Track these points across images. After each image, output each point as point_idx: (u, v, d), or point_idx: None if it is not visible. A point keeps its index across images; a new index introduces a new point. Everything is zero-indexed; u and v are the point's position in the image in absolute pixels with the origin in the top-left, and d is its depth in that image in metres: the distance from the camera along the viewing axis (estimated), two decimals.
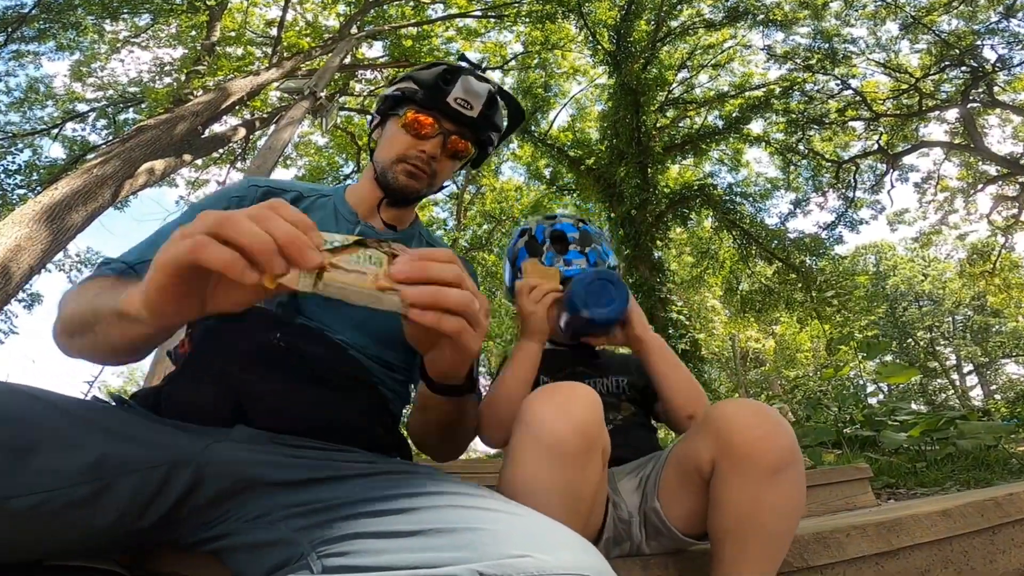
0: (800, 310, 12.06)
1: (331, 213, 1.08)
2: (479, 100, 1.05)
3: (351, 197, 1.13)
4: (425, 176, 1.07)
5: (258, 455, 0.67)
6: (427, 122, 1.05)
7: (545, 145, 13.03)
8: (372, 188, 1.11)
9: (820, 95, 12.84)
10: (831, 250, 12.48)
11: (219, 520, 0.64)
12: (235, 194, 1.03)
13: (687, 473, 0.91)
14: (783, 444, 0.81)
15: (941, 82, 12.27)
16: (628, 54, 11.03)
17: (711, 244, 13.35)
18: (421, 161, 1.05)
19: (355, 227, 1.06)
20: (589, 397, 0.81)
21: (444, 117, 1.06)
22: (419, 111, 1.05)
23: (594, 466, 0.81)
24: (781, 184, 14.01)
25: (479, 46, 13.58)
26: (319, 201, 1.10)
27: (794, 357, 20.65)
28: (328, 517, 0.52)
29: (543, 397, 0.82)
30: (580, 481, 0.79)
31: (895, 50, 12.69)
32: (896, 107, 12.89)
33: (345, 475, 0.63)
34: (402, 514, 0.49)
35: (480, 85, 1.05)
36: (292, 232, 0.48)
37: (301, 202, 1.08)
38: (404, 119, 1.05)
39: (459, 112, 1.05)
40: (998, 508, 1.20)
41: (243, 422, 0.73)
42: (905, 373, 4.31)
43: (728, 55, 12.86)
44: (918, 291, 25.34)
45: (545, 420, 0.78)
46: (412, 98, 1.06)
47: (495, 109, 1.10)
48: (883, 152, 13.35)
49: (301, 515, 0.55)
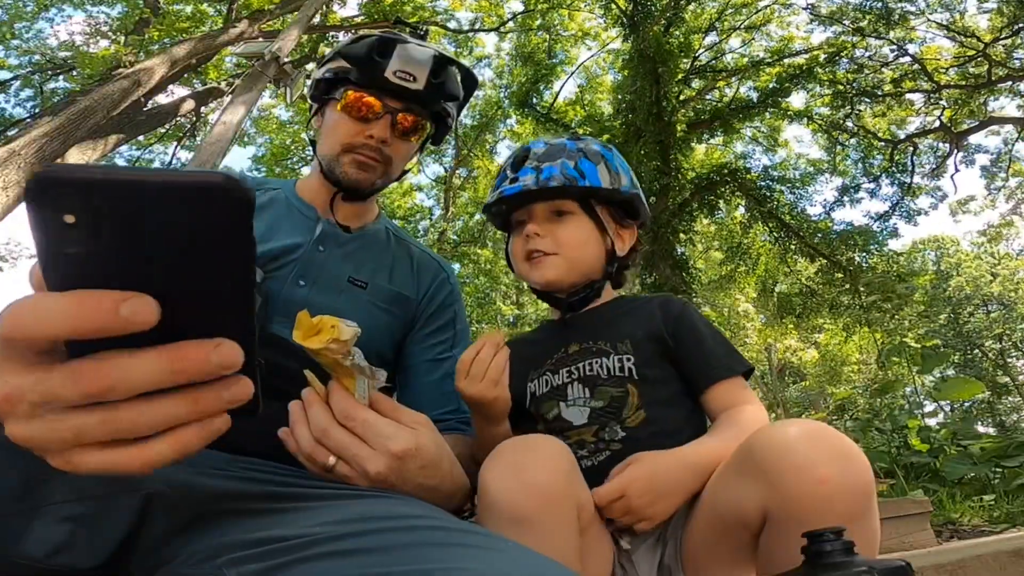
0: (847, 316, 12.08)
1: (284, 208, 1.11)
2: (422, 69, 1.06)
3: (303, 191, 1.16)
4: (377, 164, 1.10)
5: (214, 480, 0.67)
6: (369, 102, 1.07)
7: (549, 121, 13.05)
8: (322, 183, 1.14)
9: (872, 63, 12.87)
10: (884, 245, 12.51)
11: (166, 560, 0.64)
12: None
13: (727, 528, 0.84)
14: (858, 484, 0.72)
15: (1014, 47, 12.29)
16: (647, 14, 11.04)
17: (743, 238, 13.35)
18: (370, 149, 1.08)
19: (316, 223, 1.09)
20: (549, 450, 0.81)
21: (386, 94, 1.07)
22: (357, 91, 1.07)
23: (566, 534, 0.79)
24: (826, 167, 14.05)
25: (471, 3, 13.59)
26: (269, 195, 1.12)
27: (839, 371, 20.66)
28: (281, 561, 0.52)
29: (495, 463, 0.81)
30: (548, 550, 0.71)
31: (961, 10, 12.73)
32: (961, 77, 12.91)
33: (309, 501, 0.63)
34: (371, 554, 0.50)
35: (421, 51, 1.07)
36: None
37: (259, 193, 1.12)
38: (343, 103, 1.08)
39: (402, 86, 1.06)
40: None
41: None
42: (968, 388, 4.32)
43: (765, 16, 12.88)
44: (985, 294, 25.39)
45: (499, 489, 0.78)
46: (347, 78, 1.08)
47: (444, 75, 1.11)
48: (946, 130, 13.38)
49: (248, 560, 0.54)
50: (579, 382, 1.08)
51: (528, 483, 0.76)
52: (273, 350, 0.87)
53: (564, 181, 1.10)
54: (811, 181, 13.90)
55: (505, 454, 0.82)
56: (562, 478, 0.78)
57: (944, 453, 3.88)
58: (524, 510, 0.75)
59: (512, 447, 0.83)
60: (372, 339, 1.04)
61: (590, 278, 1.17)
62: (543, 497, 0.76)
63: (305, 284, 1.02)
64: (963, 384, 4.43)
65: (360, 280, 1.07)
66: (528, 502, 0.75)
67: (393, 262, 1.15)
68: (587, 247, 1.16)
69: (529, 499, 0.76)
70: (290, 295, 0.99)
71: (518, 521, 0.75)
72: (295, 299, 0.98)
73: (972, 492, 3.28)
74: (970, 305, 25.50)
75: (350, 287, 1.06)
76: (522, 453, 0.81)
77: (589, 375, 1.08)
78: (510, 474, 0.78)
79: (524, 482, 0.76)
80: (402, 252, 1.19)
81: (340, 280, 1.06)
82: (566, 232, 1.14)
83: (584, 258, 1.16)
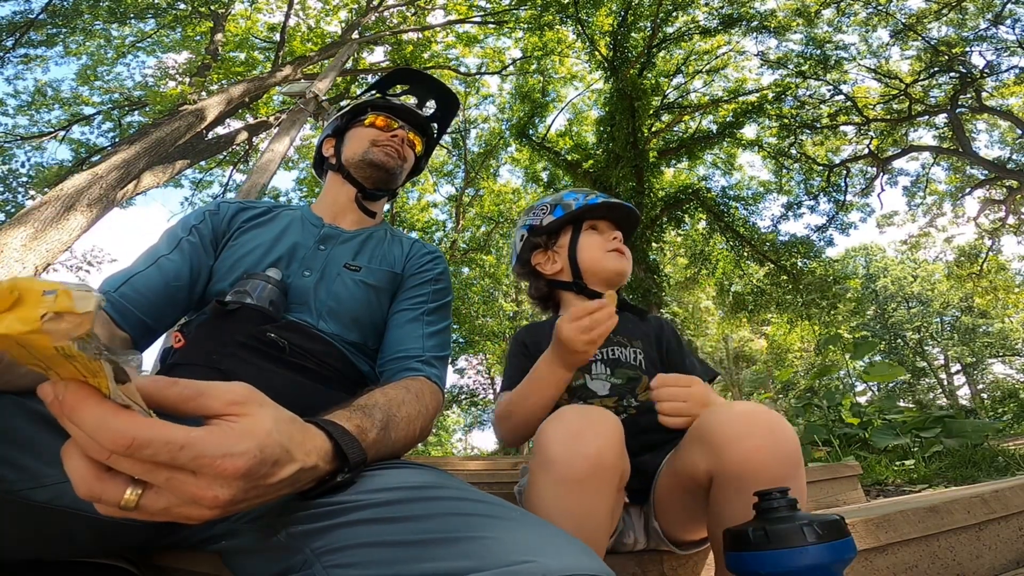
0: (790, 311, 12.09)
1: (297, 222, 1.11)
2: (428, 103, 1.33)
3: (315, 208, 1.17)
4: (399, 157, 1.18)
5: None
6: (390, 119, 1.21)
7: (543, 149, 13.03)
8: (340, 192, 1.18)
9: (812, 100, 12.86)
10: (822, 252, 12.50)
11: (220, 518, 0.64)
12: (208, 209, 1.09)
13: (684, 487, 0.87)
14: (782, 454, 0.75)
15: (930, 88, 12.30)
16: (624, 60, 11.04)
17: (704, 246, 13.35)
18: (393, 144, 1.17)
19: (320, 230, 1.10)
20: (606, 425, 0.77)
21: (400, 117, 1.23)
22: (379, 113, 1.21)
23: (607, 495, 0.77)
24: (773, 187, 14.02)
25: (478, 51, 13.59)
26: (284, 212, 1.14)
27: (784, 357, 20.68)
28: (328, 523, 0.50)
29: (557, 426, 0.78)
30: (592, 510, 0.76)
31: (886, 56, 12.73)
32: (886, 112, 12.91)
33: None
34: (406, 522, 0.48)
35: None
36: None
37: (268, 214, 1.12)
38: (369, 119, 1.20)
39: (412, 112, 1.25)
40: (984, 505, 1.21)
41: None
42: (891, 372, 4.32)
43: (722, 61, 12.87)
44: (907, 292, 25.40)
45: (558, 452, 0.75)
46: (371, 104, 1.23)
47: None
48: (873, 156, 13.37)
49: (299, 521, 0.53)
50: (602, 362, 1.14)
51: (583, 452, 0.74)
52: (292, 333, 0.90)
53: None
54: (761, 199, 13.85)
55: (565, 420, 0.78)
56: (612, 450, 0.76)
57: (872, 425, 3.88)
58: (577, 473, 0.73)
59: (573, 415, 0.79)
60: (365, 312, 1.01)
61: None
62: (594, 465, 0.74)
63: (310, 274, 1.01)
64: (888, 368, 4.43)
65: (354, 265, 1.05)
66: (582, 466, 0.73)
67: (386, 249, 1.13)
68: None
69: (583, 465, 0.73)
70: (297, 284, 0.99)
71: (569, 481, 0.74)
72: (301, 287, 0.98)
73: (895, 458, 3.27)
74: (894, 302, 25.52)
75: (345, 271, 1.03)
76: (581, 422, 0.77)
77: (612, 358, 1.14)
78: (569, 440, 0.75)
79: (579, 450, 0.74)
80: (396, 242, 1.17)
81: (337, 267, 1.04)
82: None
83: None
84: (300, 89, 6.81)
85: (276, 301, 0.92)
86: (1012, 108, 11.87)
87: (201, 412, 0.42)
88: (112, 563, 0.65)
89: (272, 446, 0.43)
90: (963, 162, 13.54)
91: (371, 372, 1.01)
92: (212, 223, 1.05)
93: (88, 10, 10.48)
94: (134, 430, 0.35)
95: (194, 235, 1.01)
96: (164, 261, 0.95)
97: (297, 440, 0.48)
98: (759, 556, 0.59)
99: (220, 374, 0.80)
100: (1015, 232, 14.06)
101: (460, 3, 12.29)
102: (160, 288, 0.92)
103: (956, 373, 25.11)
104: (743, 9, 11.51)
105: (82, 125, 11.33)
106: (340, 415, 0.61)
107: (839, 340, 6.21)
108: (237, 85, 8.76)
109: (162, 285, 0.92)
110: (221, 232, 1.05)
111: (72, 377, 0.34)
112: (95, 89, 11.86)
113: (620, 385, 1.10)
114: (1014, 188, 13.11)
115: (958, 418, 3.68)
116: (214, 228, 1.05)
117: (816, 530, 0.58)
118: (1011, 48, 11.08)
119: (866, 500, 2.31)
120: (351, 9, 12.28)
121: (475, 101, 14.76)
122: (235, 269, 0.98)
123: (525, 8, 11.69)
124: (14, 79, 11.07)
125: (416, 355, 0.97)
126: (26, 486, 0.52)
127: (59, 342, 0.29)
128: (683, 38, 12.00)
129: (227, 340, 0.85)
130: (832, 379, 10.64)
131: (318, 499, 0.53)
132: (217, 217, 1.06)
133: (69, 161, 10.74)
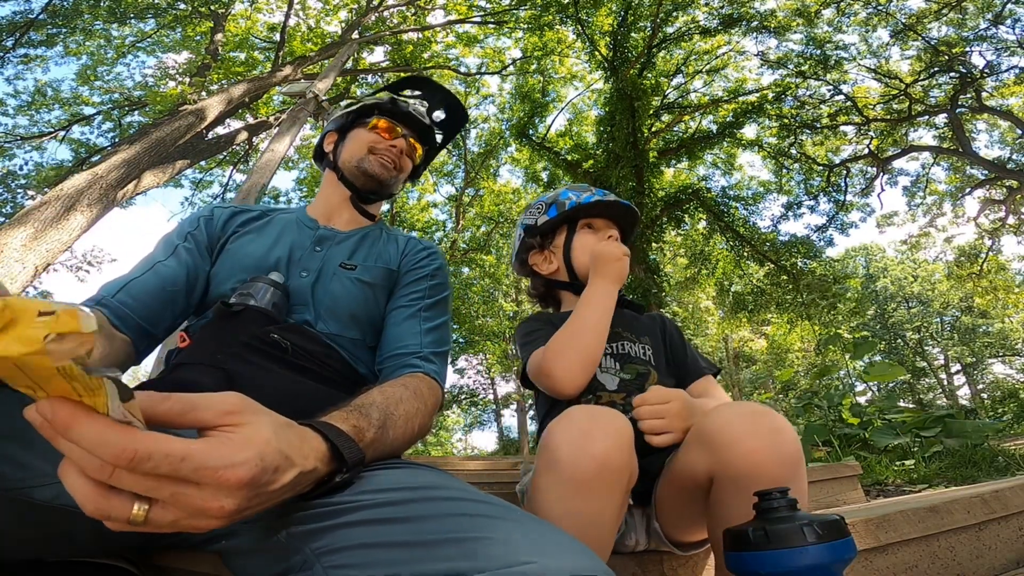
0: (790, 311, 12.08)
1: (292, 225, 1.12)
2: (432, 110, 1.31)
3: (310, 211, 1.18)
4: (394, 168, 1.17)
5: None
6: (392, 124, 1.20)
7: (543, 149, 13.02)
8: (334, 192, 1.18)
9: (812, 100, 12.86)
10: (822, 252, 12.50)
11: None
12: (203, 214, 1.09)
13: (685, 488, 0.86)
14: (783, 455, 0.74)
15: (930, 88, 12.29)
16: (624, 60, 11.03)
17: (704, 246, 13.35)
18: (390, 155, 1.17)
19: (315, 232, 1.11)
20: (615, 425, 0.75)
21: (403, 123, 1.22)
22: (383, 117, 1.20)
23: (614, 497, 0.75)
24: (773, 187, 14.02)
25: (478, 51, 13.59)
26: (279, 216, 1.14)
27: (784, 357, 20.67)
28: (329, 524, 0.50)
29: (565, 426, 0.76)
30: (598, 511, 0.74)
31: (886, 56, 12.73)
32: (886, 112, 12.90)
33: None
34: (407, 523, 0.48)
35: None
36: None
37: (264, 218, 1.12)
38: (372, 123, 1.18)
39: (416, 119, 1.23)
40: (984, 505, 1.21)
41: None
42: (891, 372, 4.32)
43: (722, 61, 12.86)
44: (907, 293, 25.39)
45: (565, 452, 0.73)
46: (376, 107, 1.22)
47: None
48: (873, 156, 13.37)
49: (299, 521, 0.52)
50: (612, 356, 1.14)
51: (591, 453, 0.72)
52: (294, 335, 0.91)
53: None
54: (761, 199, 13.86)
55: (574, 420, 0.76)
56: (620, 451, 0.74)
57: (872, 425, 3.88)
58: (584, 474, 0.72)
59: (581, 414, 0.77)
60: (362, 310, 1.01)
61: None
62: (601, 466, 0.72)
63: (307, 275, 1.01)
64: (888, 368, 4.43)
65: (350, 264, 1.05)
66: (589, 466, 0.72)
67: (382, 247, 1.13)
68: None
69: (590, 466, 0.72)
70: (295, 286, 0.99)
71: (577, 482, 0.72)
72: (299, 288, 0.99)
73: (895, 458, 3.27)
74: (894, 302, 25.51)
75: (341, 271, 1.03)
76: (590, 423, 0.75)
77: (621, 353, 1.15)
78: (577, 441, 0.73)
79: (587, 450, 0.72)
80: (391, 239, 1.17)
81: (333, 267, 1.04)
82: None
83: None
84: (300, 89, 6.80)
85: (279, 303, 0.94)
86: (1012, 108, 11.87)
87: (195, 425, 0.42)
88: (112, 563, 0.65)
89: (272, 453, 0.44)
90: (963, 162, 13.54)
91: (371, 372, 1.01)
92: (207, 229, 1.06)
93: (88, 10, 10.49)
94: (135, 443, 0.35)
95: (190, 241, 1.03)
96: (161, 267, 0.97)
97: (295, 445, 0.48)
98: (759, 556, 0.59)
99: (224, 374, 0.81)
100: (1015, 232, 14.06)
101: (460, 3, 12.28)
102: (157, 293, 0.94)
103: (956, 373, 25.11)
104: (743, 9, 11.51)
105: (82, 125, 11.34)
106: (337, 416, 0.61)
107: (839, 340, 6.21)
108: (237, 85, 8.76)
109: (159, 290, 0.94)
110: (216, 237, 1.07)
111: (63, 396, 0.33)
112: (95, 89, 11.87)
113: (629, 380, 1.10)
114: (1014, 188, 13.11)
115: (958, 418, 3.68)
116: (209, 234, 1.06)
117: (816, 530, 0.58)
118: (1011, 48, 11.09)
119: (866, 500, 2.31)
120: (351, 9, 12.28)
121: (475, 101, 14.73)
122: (233, 273, 0.99)
123: (525, 8, 11.69)
124: (14, 79, 11.09)
125: (414, 351, 0.97)
126: (28, 484, 0.52)
127: (61, 362, 0.28)
128: (683, 38, 11.99)
129: (231, 340, 0.86)
130: (832, 379, 10.64)
131: (318, 500, 0.53)
132: (212, 222, 1.08)
133: (69, 161, 10.76)
